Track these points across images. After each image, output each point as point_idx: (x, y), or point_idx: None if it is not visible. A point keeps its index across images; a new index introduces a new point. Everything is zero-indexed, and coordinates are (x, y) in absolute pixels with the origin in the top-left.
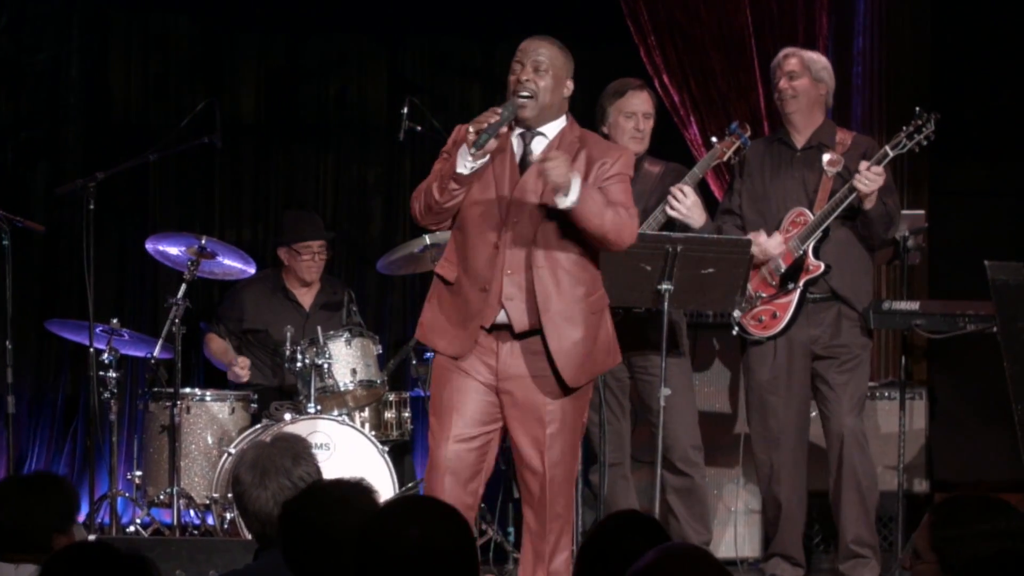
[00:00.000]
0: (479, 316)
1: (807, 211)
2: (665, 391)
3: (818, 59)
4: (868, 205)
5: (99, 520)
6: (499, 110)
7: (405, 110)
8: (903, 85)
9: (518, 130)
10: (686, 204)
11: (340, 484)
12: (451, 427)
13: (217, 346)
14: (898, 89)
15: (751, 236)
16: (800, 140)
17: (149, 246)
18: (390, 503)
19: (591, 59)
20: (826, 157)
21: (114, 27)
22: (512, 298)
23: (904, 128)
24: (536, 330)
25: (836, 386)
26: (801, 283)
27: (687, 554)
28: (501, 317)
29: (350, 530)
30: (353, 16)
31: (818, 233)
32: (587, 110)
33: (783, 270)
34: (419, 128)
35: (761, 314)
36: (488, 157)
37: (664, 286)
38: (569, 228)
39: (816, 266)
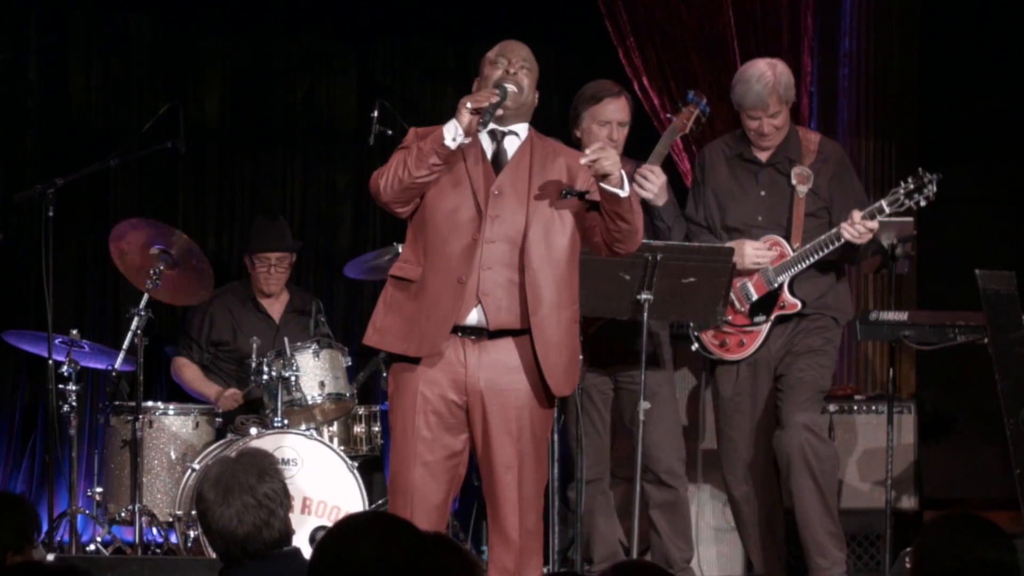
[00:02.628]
0: (452, 311)
1: (783, 242)
2: (645, 404)
3: (790, 81)
4: (859, 243)
5: (58, 538)
6: (497, 91)
7: (375, 113)
8: (891, 88)
9: (489, 127)
10: (657, 184)
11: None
12: (416, 451)
13: (191, 374)
14: (886, 92)
15: (734, 244)
16: (764, 155)
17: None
18: (343, 520)
19: (568, 61)
20: (794, 173)
21: (73, 28)
22: (489, 294)
23: (903, 184)
24: (508, 332)
25: (792, 381)
26: (773, 317)
27: (640, 568)
28: (472, 318)
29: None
30: (321, 16)
31: (796, 269)
32: (564, 113)
33: (754, 299)
34: (390, 132)
35: (725, 337)
36: (470, 138)
37: (644, 296)
38: (557, 233)
39: (792, 304)
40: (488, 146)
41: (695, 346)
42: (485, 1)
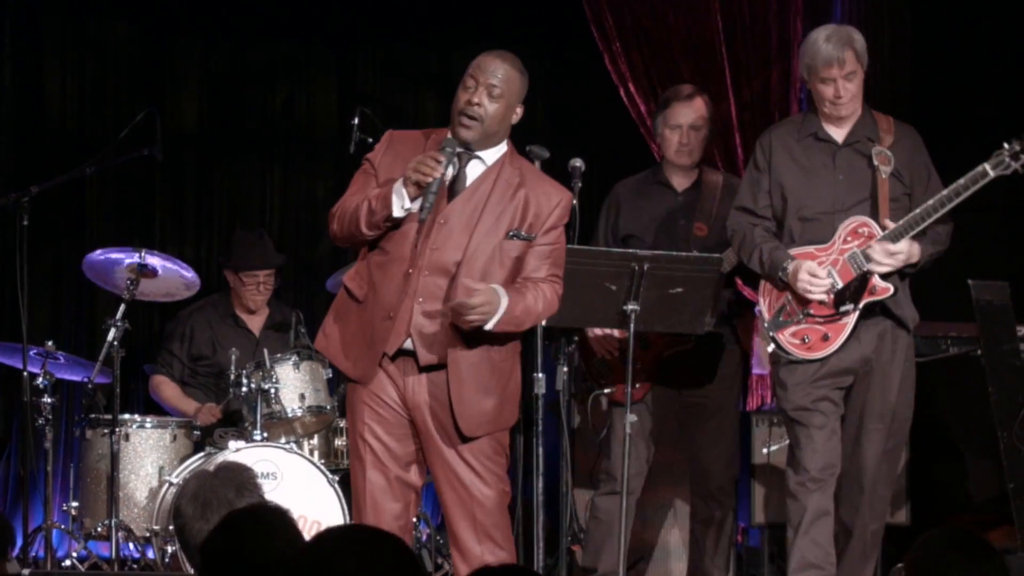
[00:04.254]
0: (382, 342)
1: (871, 222)
2: (631, 418)
3: (861, 36)
4: (913, 263)
5: (33, 553)
6: (441, 157)
7: (356, 121)
8: (882, 94)
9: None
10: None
11: (257, 511)
12: (367, 461)
13: (170, 393)
14: (877, 98)
15: (799, 261)
16: (840, 134)
17: (87, 264)
18: (326, 532)
19: (553, 67)
20: (875, 153)
21: (48, 33)
22: (421, 329)
23: (1007, 146)
24: (443, 365)
25: (875, 417)
26: (862, 304)
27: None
28: (406, 344)
29: (273, 557)
30: (301, 21)
31: None
32: (549, 119)
33: (839, 286)
34: (371, 140)
35: (806, 333)
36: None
37: (630, 306)
38: (495, 272)
39: (884, 289)
40: (450, 169)
41: (771, 347)
42: (467, 7)
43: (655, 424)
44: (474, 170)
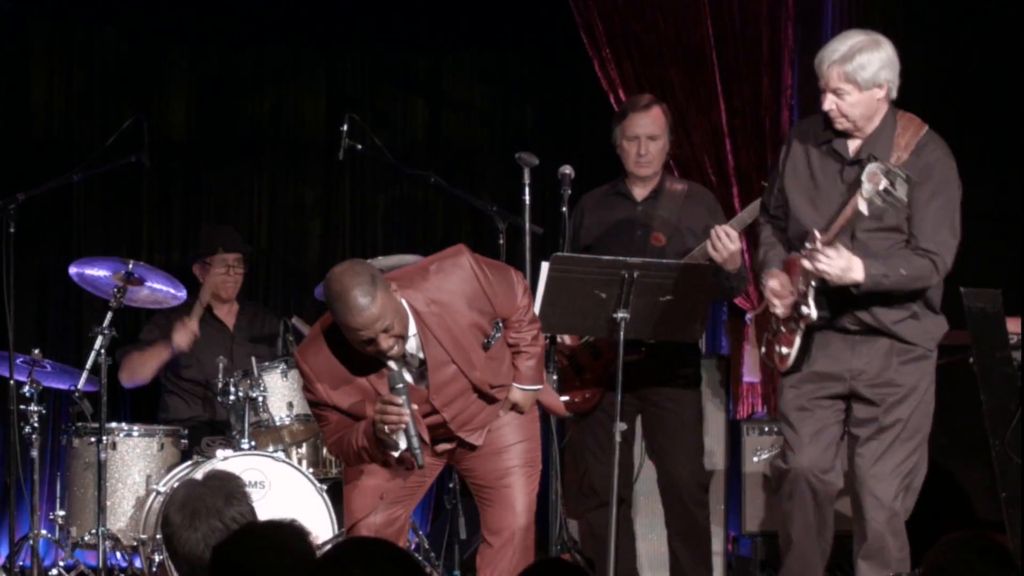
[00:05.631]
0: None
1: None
2: (621, 426)
3: (868, 60)
4: (852, 280)
5: (20, 563)
6: (397, 400)
7: (344, 127)
8: None
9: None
10: (728, 249)
11: (273, 527)
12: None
13: (138, 358)
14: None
15: (773, 271)
16: (852, 148)
17: (73, 271)
18: (336, 546)
19: (542, 74)
20: (867, 171)
21: (35, 38)
22: (465, 424)
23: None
24: None
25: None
26: (802, 324)
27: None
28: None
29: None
30: (289, 27)
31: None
32: (539, 126)
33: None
34: (359, 146)
35: (776, 344)
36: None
37: (620, 314)
38: (495, 365)
39: (808, 313)
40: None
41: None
42: (457, 13)
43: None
44: (412, 345)
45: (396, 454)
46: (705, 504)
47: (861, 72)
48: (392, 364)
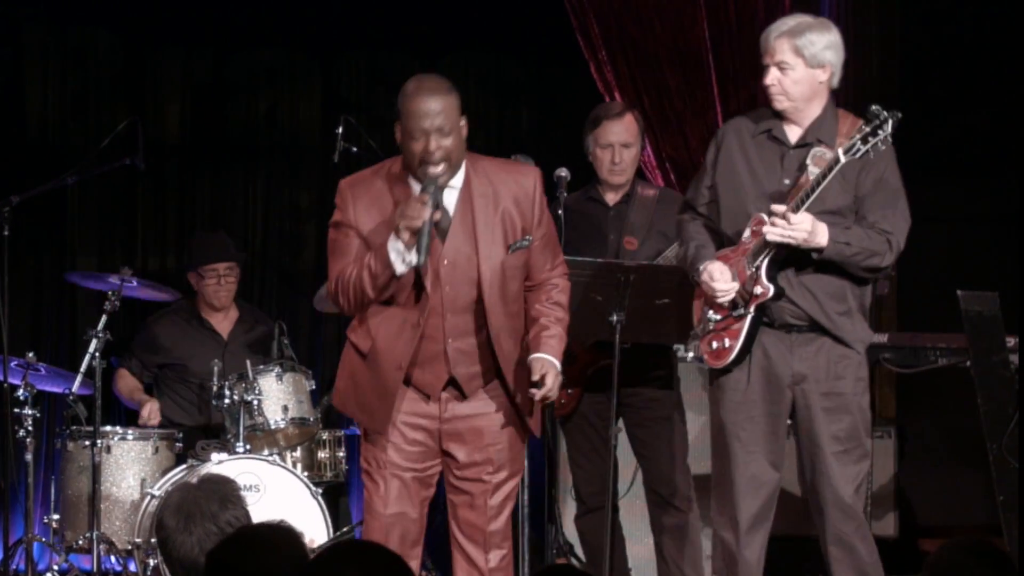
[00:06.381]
0: (396, 392)
1: (766, 219)
2: (618, 427)
3: (817, 38)
4: (816, 244)
5: (14, 567)
6: (425, 197)
7: (340, 130)
8: (870, 101)
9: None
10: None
11: (266, 529)
12: (389, 495)
13: (125, 384)
14: (865, 105)
15: (709, 262)
16: (794, 134)
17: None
18: (328, 548)
19: (538, 76)
20: (813, 152)
21: (29, 41)
22: (459, 365)
23: (859, 129)
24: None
25: (830, 452)
26: (751, 308)
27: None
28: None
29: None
30: (284, 29)
31: (769, 249)
32: (534, 128)
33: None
34: (355, 149)
35: (714, 340)
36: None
37: (615, 317)
38: (510, 284)
39: (764, 290)
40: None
41: (690, 355)
42: (452, 15)
43: (601, 434)
44: (450, 198)
45: (402, 268)
46: (691, 501)
47: (809, 47)
48: (432, 170)
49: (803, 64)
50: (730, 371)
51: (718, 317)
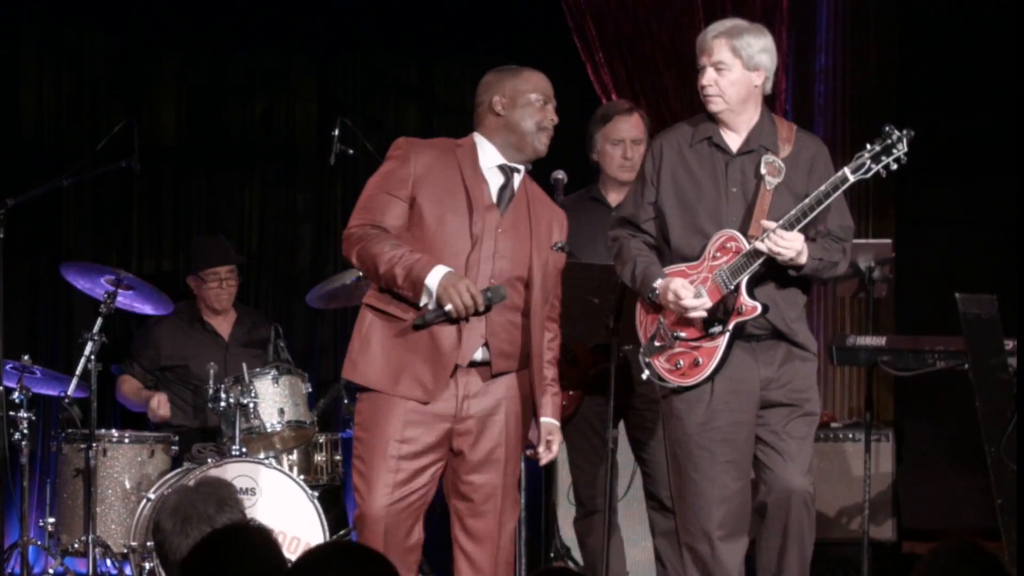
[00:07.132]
0: (454, 355)
1: (739, 235)
2: (615, 432)
3: (753, 41)
4: (799, 263)
5: (9, 570)
6: (480, 300)
7: (336, 131)
8: (868, 105)
9: (496, 164)
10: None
11: (236, 530)
12: (384, 477)
13: (129, 387)
14: (863, 109)
15: (669, 279)
16: (735, 141)
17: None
18: (312, 550)
19: None
20: (764, 161)
21: (24, 43)
22: (495, 335)
23: (868, 147)
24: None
25: (792, 440)
26: (731, 326)
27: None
28: (476, 355)
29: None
30: (280, 31)
31: (755, 267)
32: None
33: (708, 307)
34: (351, 151)
35: (679, 358)
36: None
37: (612, 320)
38: (546, 279)
39: (751, 308)
40: (495, 180)
41: (646, 374)
42: (448, 17)
43: (602, 436)
44: (517, 181)
45: (423, 301)
46: None
47: (747, 48)
48: (501, 290)
49: (740, 65)
50: (692, 386)
51: (683, 335)
